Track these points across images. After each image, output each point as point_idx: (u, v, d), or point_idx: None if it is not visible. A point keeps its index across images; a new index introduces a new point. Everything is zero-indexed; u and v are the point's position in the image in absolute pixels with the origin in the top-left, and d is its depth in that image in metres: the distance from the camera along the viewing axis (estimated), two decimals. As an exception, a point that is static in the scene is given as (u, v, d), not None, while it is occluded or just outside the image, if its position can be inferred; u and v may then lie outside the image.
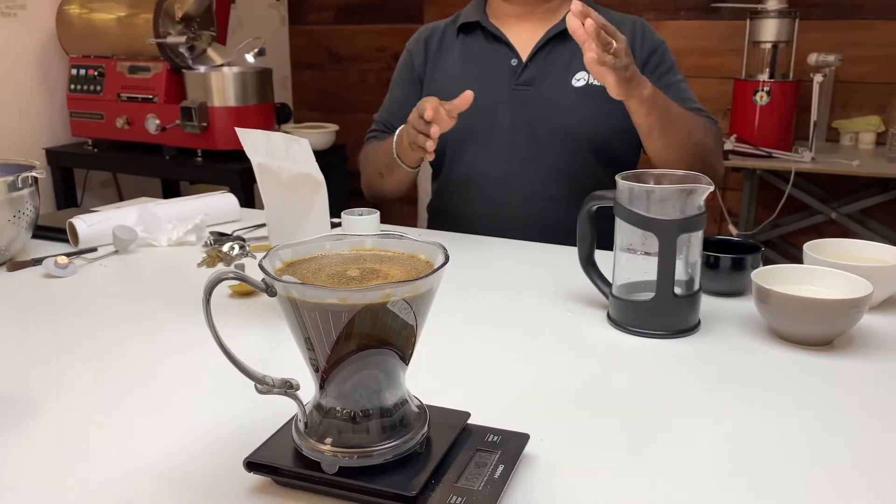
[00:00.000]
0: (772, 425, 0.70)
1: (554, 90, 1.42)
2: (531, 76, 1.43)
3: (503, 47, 1.46)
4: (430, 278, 0.54)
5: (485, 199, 1.46)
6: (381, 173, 1.47)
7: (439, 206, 1.58)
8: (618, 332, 0.91)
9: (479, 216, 1.46)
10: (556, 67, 1.44)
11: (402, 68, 1.58)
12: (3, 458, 0.65)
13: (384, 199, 1.57)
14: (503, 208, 1.45)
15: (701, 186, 0.85)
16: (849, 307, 0.83)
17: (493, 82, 1.44)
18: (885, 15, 2.87)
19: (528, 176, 1.44)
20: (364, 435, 0.57)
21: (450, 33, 1.53)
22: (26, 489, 0.61)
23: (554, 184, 1.42)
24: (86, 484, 0.61)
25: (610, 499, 0.59)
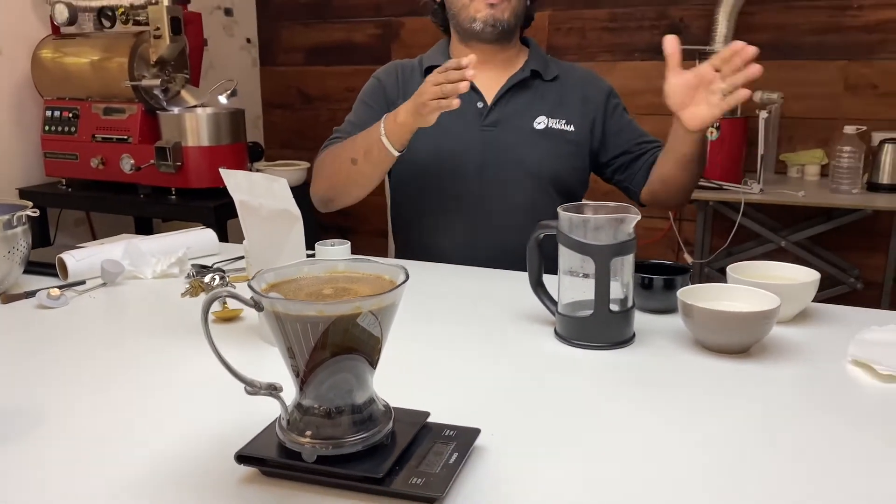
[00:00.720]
0: (694, 421, 0.81)
1: (517, 131, 1.56)
2: (496, 118, 1.57)
3: (469, 91, 1.58)
4: (393, 293, 0.65)
5: (456, 231, 1.58)
6: (354, 160, 1.47)
7: (412, 239, 1.68)
8: (562, 345, 1.03)
9: (451, 248, 1.58)
10: (518, 111, 1.58)
11: (373, 92, 1.66)
12: (14, 463, 0.74)
13: (345, 198, 1.55)
14: (475, 239, 1.57)
15: (629, 216, 0.97)
16: (760, 318, 0.95)
17: (461, 123, 1.56)
18: (822, 56, 3.07)
19: (496, 209, 1.56)
20: (338, 428, 0.67)
21: (415, 75, 1.64)
22: (35, 491, 0.70)
23: (521, 215, 1.55)
24: (91, 482, 0.70)
25: (548, 482, 0.70)
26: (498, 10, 1.53)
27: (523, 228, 1.54)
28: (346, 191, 1.53)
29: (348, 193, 1.54)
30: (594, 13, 3.34)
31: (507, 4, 1.53)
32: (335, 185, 1.54)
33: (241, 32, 3.87)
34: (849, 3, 3.00)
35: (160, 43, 2.52)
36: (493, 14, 1.52)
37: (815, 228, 2.98)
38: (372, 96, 1.66)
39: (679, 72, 1.32)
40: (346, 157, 1.49)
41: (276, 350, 0.97)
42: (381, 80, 1.67)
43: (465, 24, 1.56)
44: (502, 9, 1.53)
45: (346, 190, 1.53)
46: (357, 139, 1.49)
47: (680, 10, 3.23)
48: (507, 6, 1.53)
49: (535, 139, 1.56)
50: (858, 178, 2.81)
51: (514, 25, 1.57)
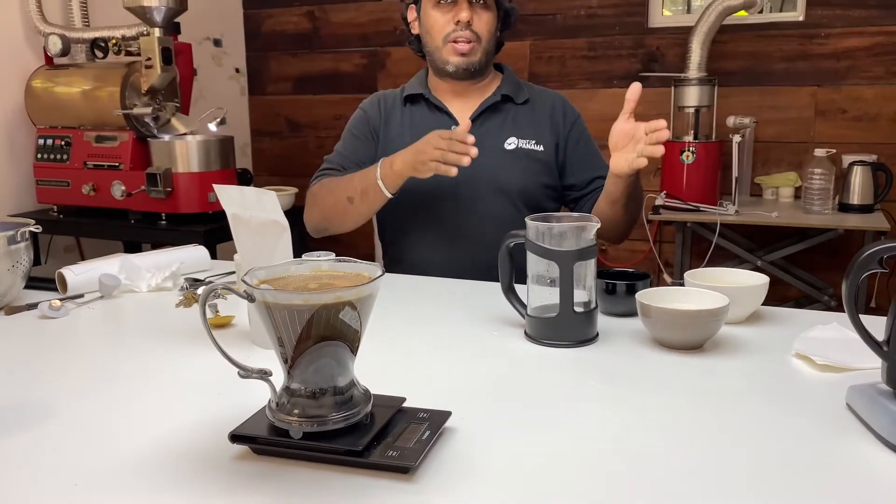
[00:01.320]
0: (649, 407, 0.90)
1: (489, 151, 1.65)
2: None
3: (444, 116, 1.70)
4: (371, 285, 0.73)
5: (436, 246, 1.68)
6: (350, 198, 1.57)
7: (396, 255, 1.77)
8: (531, 344, 1.11)
9: (432, 262, 1.67)
10: (490, 133, 1.67)
11: (359, 124, 1.77)
12: (25, 450, 0.81)
13: (339, 229, 1.65)
14: (452, 253, 1.67)
15: (590, 224, 1.06)
16: (710, 316, 1.04)
17: None
18: (793, 82, 3.20)
19: (471, 225, 1.66)
20: (322, 408, 0.75)
21: (397, 103, 1.75)
22: (46, 474, 0.77)
23: (494, 231, 1.63)
24: (96, 462, 0.78)
25: (512, 457, 0.77)
26: (470, 56, 1.63)
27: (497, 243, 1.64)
28: (341, 224, 1.64)
29: (342, 225, 1.65)
30: (573, 42, 3.46)
31: (479, 47, 1.63)
32: (329, 218, 1.65)
33: (230, 62, 3.97)
34: (817, 32, 3.13)
35: (151, 72, 2.61)
36: (466, 60, 1.63)
37: (789, 248, 3.08)
38: (357, 126, 1.77)
39: (627, 118, 1.45)
40: (342, 195, 1.60)
41: (266, 352, 1.05)
42: (365, 111, 1.78)
43: (438, 64, 1.67)
44: (473, 53, 1.63)
45: (340, 223, 1.64)
46: (354, 179, 1.59)
47: (656, 40, 3.36)
48: (478, 49, 1.63)
49: (506, 159, 1.66)
50: (829, 199, 2.92)
51: (486, 62, 1.67)
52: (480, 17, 1.62)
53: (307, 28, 3.96)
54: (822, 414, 0.87)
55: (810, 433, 0.82)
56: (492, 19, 1.64)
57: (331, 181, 1.66)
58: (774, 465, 0.76)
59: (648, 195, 3.22)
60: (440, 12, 1.62)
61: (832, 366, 0.98)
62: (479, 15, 1.62)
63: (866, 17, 3.06)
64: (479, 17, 1.62)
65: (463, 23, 1.60)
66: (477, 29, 1.61)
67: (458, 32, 1.61)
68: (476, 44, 1.62)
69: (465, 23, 1.60)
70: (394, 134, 1.72)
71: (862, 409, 0.83)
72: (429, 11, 1.64)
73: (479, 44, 1.62)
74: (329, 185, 1.65)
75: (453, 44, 1.62)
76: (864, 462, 0.76)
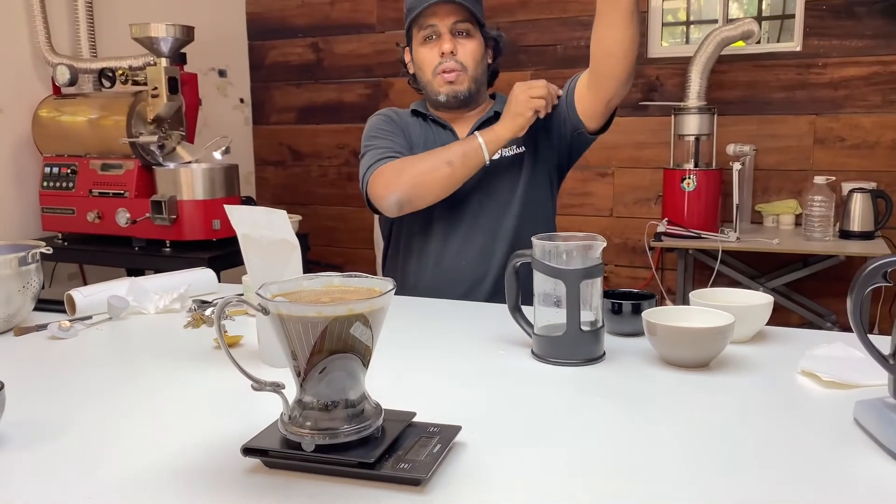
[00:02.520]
0: (658, 427, 0.90)
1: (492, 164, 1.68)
2: None
3: (448, 132, 1.78)
4: (382, 298, 0.74)
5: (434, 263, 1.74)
6: (450, 162, 1.62)
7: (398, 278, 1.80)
8: (539, 363, 1.12)
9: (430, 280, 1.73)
10: None
11: (386, 123, 1.81)
12: (39, 464, 0.82)
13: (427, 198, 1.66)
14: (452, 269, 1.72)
15: (596, 243, 1.07)
16: (716, 334, 1.04)
17: None
18: (792, 111, 3.23)
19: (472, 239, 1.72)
20: (334, 421, 0.75)
21: (408, 117, 1.84)
22: (59, 486, 0.77)
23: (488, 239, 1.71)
24: (110, 475, 0.78)
25: (520, 471, 0.78)
26: (457, 84, 1.71)
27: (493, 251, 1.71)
28: (432, 191, 1.66)
29: (432, 193, 1.66)
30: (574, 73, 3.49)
31: (465, 75, 1.71)
32: (421, 185, 1.66)
33: (235, 93, 4.02)
34: (814, 62, 3.17)
35: (158, 102, 2.64)
36: (454, 88, 1.71)
37: (791, 275, 3.09)
38: (387, 124, 1.81)
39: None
40: (441, 161, 1.65)
41: (275, 371, 1.06)
42: (388, 115, 1.84)
43: (431, 96, 1.76)
44: (460, 81, 1.71)
45: (432, 190, 1.66)
46: (450, 148, 1.66)
47: (655, 70, 3.40)
48: (464, 77, 1.71)
49: (493, 170, 1.70)
50: (830, 226, 2.94)
51: (476, 90, 1.75)
52: (464, 46, 1.70)
53: (311, 59, 4.01)
54: (829, 429, 0.87)
55: (819, 448, 0.83)
56: (476, 48, 1.72)
57: (411, 157, 1.70)
58: (784, 480, 0.76)
59: (650, 222, 3.25)
60: (427, 48, 1.72)
61: (838, 382, 0.98)
62: (463, 45, 1.70)
63: (862, 47, 3.10)
64: (463, 46, 1.70)
65: (447, 54, 1.69)
66: (461, 58, 1.70)
67: (444, 64, 1.70)
68: (462, 72, 1.70)
69: (448, 53, 1.69)
70: (414, 142, 1.78)
71: (870, 423, 0.83)
72: (418, 49, 1.74)
73: (466, 72, 1.71)
74: (412, 159, 1.69)
75: (441, 74, 1.71)
76: (874, 476, 0.76)
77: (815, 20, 3.16)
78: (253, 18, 4.10)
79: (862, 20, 3.09)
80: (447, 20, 1.68)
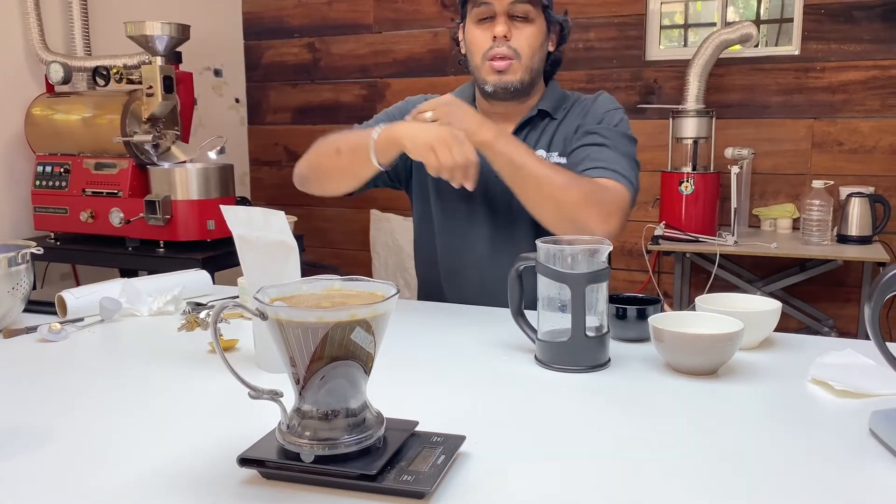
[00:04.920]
0: (665, 435, 0.87)
1: None
2: None
3: None
4: (385, 303, 0.71)
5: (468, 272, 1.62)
6: (339, 150, 1.48)
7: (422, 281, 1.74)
8: (543, 369, 1.09)
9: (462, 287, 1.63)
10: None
11: (397, 111, 1.66)
12: (27, 474, 0.78)
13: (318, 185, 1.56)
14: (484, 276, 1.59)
15: (602, 247, 1.05)
16: (725, 340, 1.02)
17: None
18: (790, 115, 3.22)
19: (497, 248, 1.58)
20: (334, 431, 0.72)
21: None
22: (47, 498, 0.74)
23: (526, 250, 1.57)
24: (98, 486, 0.75)
25: (526, 482, 0.75)
26: (507, 75, 1.52)
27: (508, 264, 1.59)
28: (320, 177, 1.56)
29: (321, 182, 1.56)
30: (572, 74, 3.48)
31: (518, 64, 1.52)
32: (314, 168, 1.57)
33: (231, 92, 3.99)
34: (813, 66, 3.16)
35: (152, 101, 2.62)
36: (502, 78, 1.52)
37: (788, 279, 3.08)
38: (398, 112, 1.66)
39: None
40: (334, 145, 1.51)
41: (272, 376, 1.03)
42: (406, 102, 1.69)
43: (479, 84, 1.58)
44: (512, 71, 1.52)
45: (320, 176, 1.56)
46: (353, 133, 1.50)
47: (653, 72, 3.38)
48: (517, 67, 1.52)
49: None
50: (828, 230, 2.92)
51: (530, 82, 1.56)
52: (521, 31, 1.51)
53: (307, 59, 3.98)
54: (844, 440, 0.85)
55: (833, 459, 0.80)
56: (535, 33, 1.53)
57: (337, 133, 1.55)
58: (798, 492, 0.73)
59: (647, 225, 3.22)
60: (480, 29, 1.53)
61: (851, 392, 0.96)
62: (520, 29, 1.51)
63: (861, 51, 3.09)
64: (520, 31, 1.51)
65: (499, 38, 1.50)
66: (516, 45, 1.51)
67: (495, 49, 1.51)
68: (515, 61, 1.51)
69: (501, 38, 1.50)
70: None
71: (887, 433, 0.81)
72: (470, 28, 1.56)
73: (520, 61, 1.51)
74: (331, 137, 1.55)
75: (491, 62, 1.52)
76: (891, 488, 0.74)
77: (814, 24, 3.14)
78: (249, 18, 4.07)
79: (860, 24, 3.08)
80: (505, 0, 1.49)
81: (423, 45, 3.73)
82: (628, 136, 1.54)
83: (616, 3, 3.40)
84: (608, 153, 1.48)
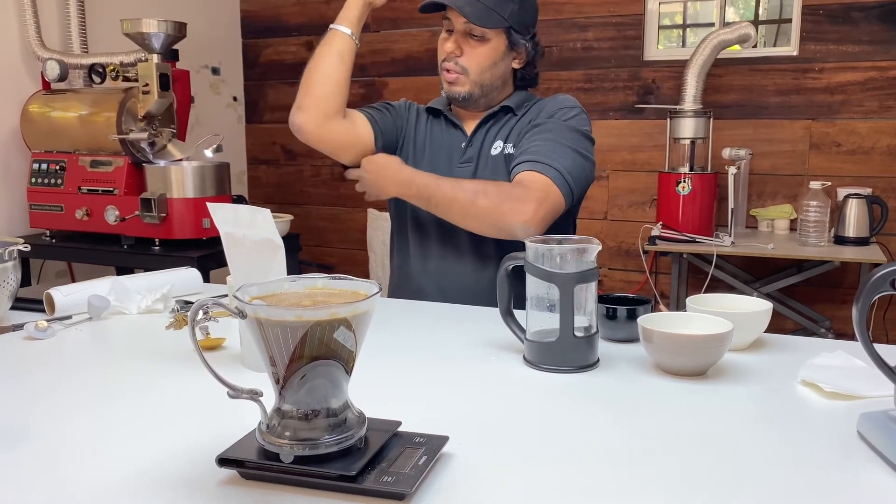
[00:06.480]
0: (653, 437, 0.86)
1: (484, 163, 1.64)
2: (471, 154, 1.66)
3: (458, 132, 1.70)
4: (366, 302, 0.70)
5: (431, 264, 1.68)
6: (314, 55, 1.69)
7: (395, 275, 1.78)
8: (531, 370, 1.08)
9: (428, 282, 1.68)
10: (485, 142, 1.66)
11: (389, 105, 1.79)
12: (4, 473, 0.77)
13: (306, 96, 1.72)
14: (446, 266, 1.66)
15: (591, 246, 1.04)
16: (714, 341, 1.01)
17: (444, 161, 1.68)
18: (787, 116, 3.21)
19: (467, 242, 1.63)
20: (314, 431, 0.72)
21: (423, 114, 1.77)
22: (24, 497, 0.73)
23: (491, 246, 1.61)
24: (75, 486, 0.74)
25: (509, 486, 0.74)
26: (455, 86, 1.62)
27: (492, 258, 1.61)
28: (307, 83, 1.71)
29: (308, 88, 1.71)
30: (570, 74, 3.48)
31: (465, 79, 1.60)
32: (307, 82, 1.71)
33: (228, 90, 3.98)
34: (811, 66, 3.15)
35: (148, 98, 2.61)
36: (452, 89, 1.63)
37: (785, 280, 3.07)
38: (396, 107, 1.79)
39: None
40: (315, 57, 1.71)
41: (257, 375, 1.02)
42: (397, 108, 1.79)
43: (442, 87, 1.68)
44: (459, 84, 1.61)
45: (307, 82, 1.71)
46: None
47: (651, 72, 3.38)
48: (464, 81, 1.60)
49: (493, 166, 1.63)
50: (825, 231, 2.92)
51: (480, 95, 1.63)
52: (473, 49, 1.59)
53: (305, 58, 3.93)
54: (832, 442, 0.84)
55: (821, 461, 0.80)
56: (487, 53, 1.59)
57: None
58: (785, 494, 0.73)
59: (644, 226, 3.22)
60: (443, 38, 1.64)
61: (841, 393, 0.95)
62: (472, 48, 1.59)
63: (859, 52, 3.08)
64: (472, 49, 1.59)
65: (450, 54, 1.61)
66: (465, 62, 1.60)
67: (446, 63, 1.62)
68: (462, 76, 1.60)
69: (451, 53, 1.60)
70: (414, 143, 1.74)
71: (874, 436, 0.80)
72: (441, 34, 1.66)
73: (467, 76, 1.60)
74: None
75: (445, 72, 1.63)
76: (878, 490, 0.73)
77: (812, 25, 3.14)
78: (247, 16, 4.06)
79: (859, 25, 3.07)
80: (461, 18, 1.56)
81: (422, 44, 3.72)
82: (578, 131, 1.58)
83: (614, 2, 3.39)
84: (544, 146, 1.53)
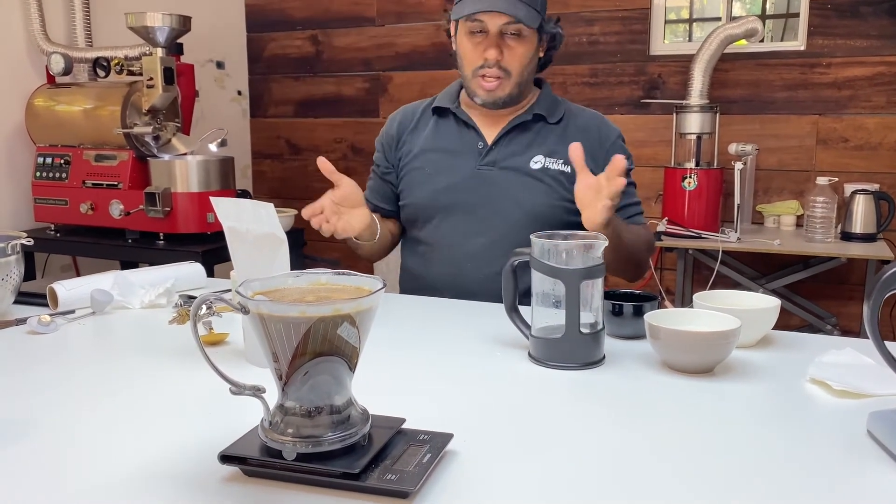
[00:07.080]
0: (659, 434, 0.85)
1: (514, 171, 1.59)
2: (493, 158, 1.61)
3: (472, 132, 1.64)
4: (370, 298, 0.70)
5: (446, 262, 1.63)
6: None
7: (407, 265, 1.74)
8: (536, 366, 1.07)
9: (441, 276, 1.63)
10: (516, 152, 1.61)
11: (377, 160, 1.75)
12: (6, 468, 0.77)
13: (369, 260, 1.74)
14: (462, 271, 1.61)
15: (598, 242, 1.03)
16: (721, 339, 1.00)
17: (461, 162, 1.62)
18: (794, 111, 3.19)
19: (484, 243, 1.59)
20: (318, 428, 0.71)
21: (426, 114, 1.71)
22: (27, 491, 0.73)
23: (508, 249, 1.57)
24: (79, 481, 0.74)
25: (514, 483, 0.74)
26: (497, 91, 1.55)
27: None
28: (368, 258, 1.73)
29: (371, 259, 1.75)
30: (576, 69, 3.46)
31: (507, 82, 1.54)
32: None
33: (233, 85, 3.97)
34: (818, 61, 3.13)
35: (153, 92, 2.60)
36: (494, 94, 1.55)
37: (791, 277, 3.05)
38: (380, 147, 1.76)
39: (587, 174, 1.30)
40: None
41: (261, 371, 1.02)
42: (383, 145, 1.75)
43: (469, 93, 1.61)
44: (501, 88, 1.54)
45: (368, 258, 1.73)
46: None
47: (657, 67, 3.36)
48: (506, 84, 1.54)
49: (530, 179, 1.58)
50: (832, 227, 2.90)
51: (518, 93, 1.58)
52: (513, 51, 1.52)
53: (310, 52, 3.96)
54: (841, 441, 0.83)
55: (830, 460, 0.79)
56: (526, 51, 1.54)
57: None
58: (794, 493, 0.72)
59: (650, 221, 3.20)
60: (472, 43, 1.54)
61: (850, 392, 0.94)
62: (512, 49, 1.52)
63: (867, 47, 3.06)
64: (511, 51, 1.52)
65: (491, 59, 1.52)
66: (507, 64, 1.53)
67: (486, 69, 1.53)
68: (504, 80, 1.54)
69: (492, 59, 1.52)
70: (420, 146, 1.67)
71: (884, 435, 0.79)
72: (462, 38, 1.56)
73: (509, 78, 1.54)
74: None
75: (481, 79, 1.54)
76: (888, 491, 0.72)
77: (820, 19, 3.11)
78: (252, 10, 4.04)
79: (867, 20, 3.05)
80: (498, 20, 1.48)
81: (426, 38, 3.71)
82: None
83: (621, -4, 3.38)
84: (631, 188, 1.58)
